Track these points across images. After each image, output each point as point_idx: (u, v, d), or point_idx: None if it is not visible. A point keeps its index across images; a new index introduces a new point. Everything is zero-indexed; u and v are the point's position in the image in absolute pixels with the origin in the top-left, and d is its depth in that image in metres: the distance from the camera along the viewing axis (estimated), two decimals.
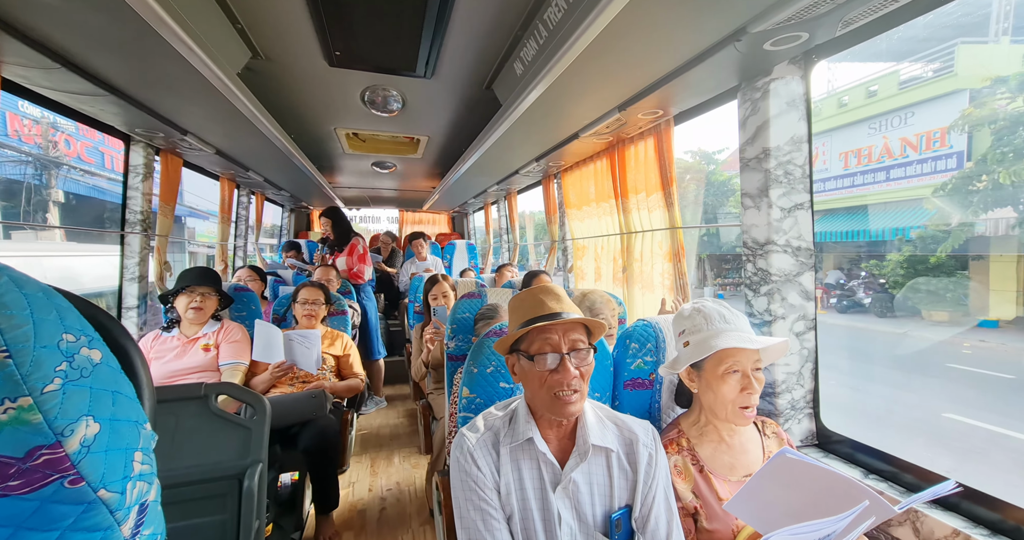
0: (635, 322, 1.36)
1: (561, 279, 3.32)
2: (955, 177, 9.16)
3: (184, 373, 1.97)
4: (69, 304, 0.35)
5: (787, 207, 1.36)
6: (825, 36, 1.16)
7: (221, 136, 2.29)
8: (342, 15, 1.52)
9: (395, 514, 2.20)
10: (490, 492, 0.92)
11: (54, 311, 0.33)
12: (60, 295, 0.35)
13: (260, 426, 1.40)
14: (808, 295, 1.40)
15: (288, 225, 5.84)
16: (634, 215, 2.22)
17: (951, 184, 9.10)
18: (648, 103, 1.68)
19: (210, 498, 1.30)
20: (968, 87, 9.90)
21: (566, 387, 0.92)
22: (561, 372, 0.92)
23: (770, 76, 1.32)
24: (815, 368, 1.41)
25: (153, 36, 1.15)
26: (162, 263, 2.42)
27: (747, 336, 1.05)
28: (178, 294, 2.02)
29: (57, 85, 1.47)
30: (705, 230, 16.48)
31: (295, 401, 1.82)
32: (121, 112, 1.78)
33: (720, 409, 1.06)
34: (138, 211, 2.27)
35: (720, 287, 15.81)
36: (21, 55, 1.22)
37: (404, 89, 2.18)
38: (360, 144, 3.08)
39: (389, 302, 5.08)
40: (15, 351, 0.29)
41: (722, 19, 1.12)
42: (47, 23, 1.12)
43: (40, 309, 0.32)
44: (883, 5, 0.99)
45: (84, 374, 0.33)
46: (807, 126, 1.35)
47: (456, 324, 1.93)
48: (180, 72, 1.40)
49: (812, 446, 1.39)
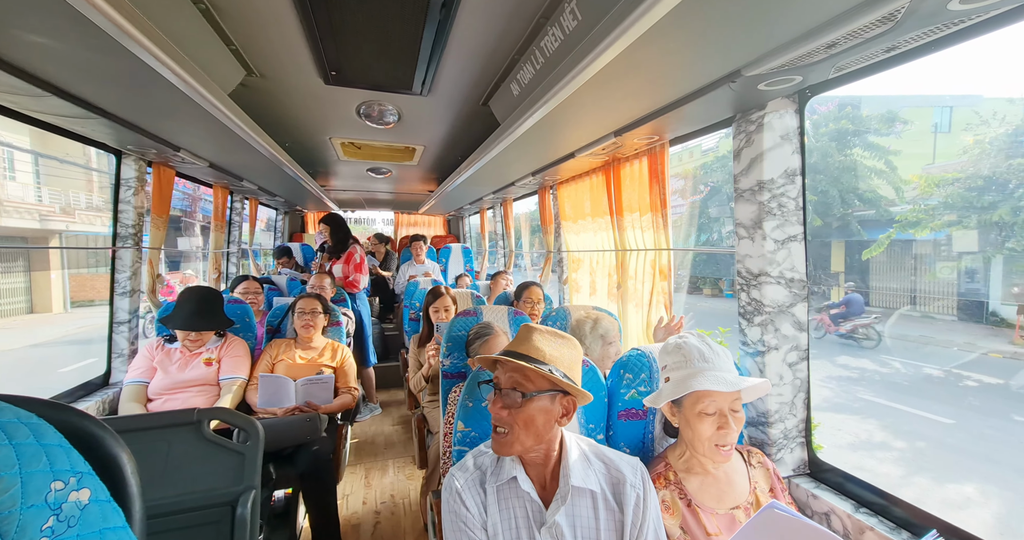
0: (629, 351, 1.37)
1: (556, 290, 3.32)
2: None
3: (186, 385, 1.97)
4: (59, 439, 0.35)
5: (780, 239, 1.37)
6: (818, 78, 1.17)
7: (214, 151, 2.27)
8: (337, 36, 1.51)
9: (389, 528, 2.21)
10: (478, 532, 0.94)
11: (44, 458, 0.33)
12: (52, 428, 0.35)
13: (253, 451, 1.39)
14: (801, 326, 1.41)
15: (283, 228, 5.80)
16: (629, 233, 2.23)
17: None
18: (644, 130, 1.68)
19: (203, 525, 1.30)
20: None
21: (497, 421, 0.96)
22: (494, 406, 0.97)
23: (764, 110, 1.33)
24: (807, 398, 1.43)
25: (144, 67, 1.14)
26: (155, 276, 2.40)
27: (723, 377, 1.06)
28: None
29: (47, 109, 1.46)
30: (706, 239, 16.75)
31: (289, 425, 1.82)
32: (113, 132, 1.76)
33: (698, 445, 1.08)
34: (129, 225, 2.25)
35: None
36: (10, 84, 1.21)
37: (400, 104, 2.16)
38: (355, 151, 3.06)
39: (384, 306, 5.08)
40: (2, 519, 0.29)
41: (717, 63, 1.13)
42: (37, 56, 1.11)
43: (30, 461, 0.32)
44: (874, 55, 1.00)
45: (71, 524, 0.33)
46: (801, 159, 1.36)
47: (451, 341, 1.94)
48: (171, 97, 1.39)
49: (804, 475, 1.41)
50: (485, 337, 1.85)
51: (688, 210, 16.72)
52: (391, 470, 2.78)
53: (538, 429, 0.95)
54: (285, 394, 2.04)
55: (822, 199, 12.48)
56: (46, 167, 12.04)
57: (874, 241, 11.42)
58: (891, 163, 12.18)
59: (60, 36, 1.01)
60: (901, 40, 0.94)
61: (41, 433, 0.35)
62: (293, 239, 5.93)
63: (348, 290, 3.48)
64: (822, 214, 12.57)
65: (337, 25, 1.44)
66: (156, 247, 2.46)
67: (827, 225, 12.75)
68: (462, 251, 5.54)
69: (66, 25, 0.94)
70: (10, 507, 0.30)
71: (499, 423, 0.96)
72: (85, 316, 11.66)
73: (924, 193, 10.46)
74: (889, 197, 12.29)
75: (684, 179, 17.14)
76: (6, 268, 11.12)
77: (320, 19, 1.39)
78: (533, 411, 0.95)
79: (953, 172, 10.23)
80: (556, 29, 1.32)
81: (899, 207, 11.63)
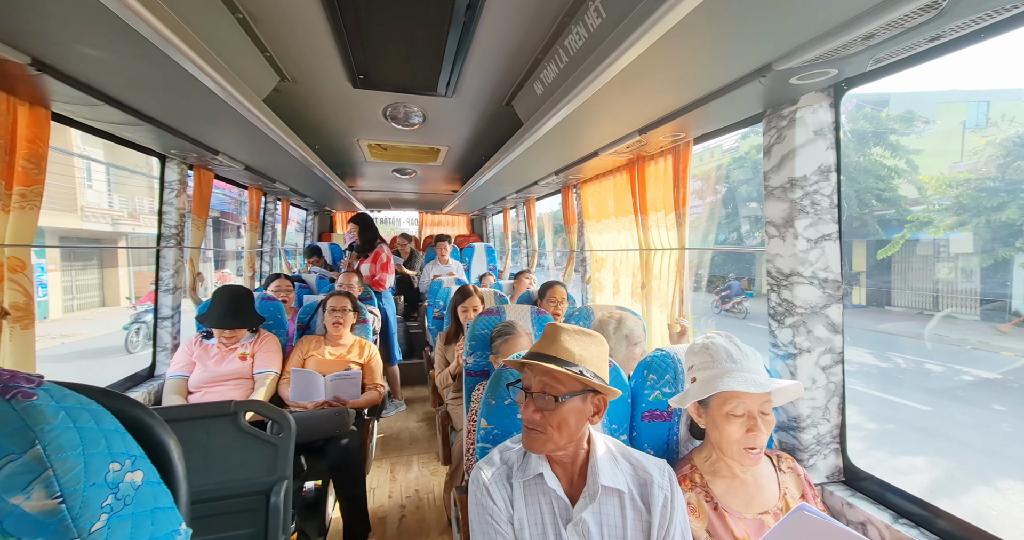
0: (653, 352, 1.36)
1: (579, 290, 3.30)
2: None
3: (223, 378, 2.07)
4: (116, 424, 0.38)
5: (814, 238, 1.32)
6: (855, 71, 1.12)
7: (250, 154, 2.36)
8: (365, 41, 1.55)
9: (414, 522, 2.26)
10: (504, 525, 0.95)
11: (103, 440, 0.36)
12: (109, 414, 0.38)
13: (286, 442, 1.45)
14: (835, 328, 1.36)
15: (312, 227, 5.98)
16: (653, 232, 2.20)
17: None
18: (669, 128, 1.66)
19: (239, 513, 1.37)
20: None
21: (530, 423, 0.96)
22: (526, 409, 0.97)
23: (797, 105, 1.28)
24: (842, 403, 1.38)
25: (187, 75, 1.20)
26: (195, 274, 2.52)
27: (753, 378, 1.03)
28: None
29: (100, 117, 1.56)
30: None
31: (319, 418, 1.89)
32: (157, 137, 1.87)
33: (726, 448, 1.05)
34: (172, 225, 2.37)
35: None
36: (69, 95, 1.30)
37: (425, 105, 2.20)
38: (382, 153, 3.13)
39: (408, 304, 5.17)
40: (68, 495, 0.32)
41: (746, 58, 1.10)
42: (92, 68, 1.19)
43: (91, 443, 0.35)
44: (916, 45, 0.95)
45: (127, 502, 0.36)
46: (836, 155, 1.31)
47: (474, 340, 1.96)
48: (211, 103, 1.46)
49: (839, 483, 1.36)
50: (507, 336, 1.86)
51: (707, 210, 16.54)
52: (416, 465, 2.83)
53: (571, 429, 0.96)
54: (315, 389, 2.11)
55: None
56: (116, 176, 13.23)
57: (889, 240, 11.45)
58: (912, 162, 11.96)
59: (112, 48, 1.08)
60: (946, 28, 0.89)
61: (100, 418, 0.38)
62: (322, 239, 6.11)
63: (374, 289, 3.56)
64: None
65: (365, 30, 1.48)
66: (196, 246, 2.58)
67: (847, 224, 13.02)
68: (485, 250, 5.58)
69: (118, 38, 1.01)
70: (75, 485, 0.33)
71: (532, 425, 0.96)
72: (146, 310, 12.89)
73: (937, 193, 10.50)
74: (911, 196, 12.17)
75: (702, 180, 16.98)
76: (83, 266, 12.71)
77: (349, 25, 1.43)
78: (566, 412, 0.95)
79: (965, 173, 10.14)
80: (580, 27, 1.31)
81: (918, 207, 11.62)
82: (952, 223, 9.97)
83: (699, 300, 14.32)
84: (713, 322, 11.98)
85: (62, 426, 0.34)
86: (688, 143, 1.86)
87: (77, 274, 12.50)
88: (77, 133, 1.78)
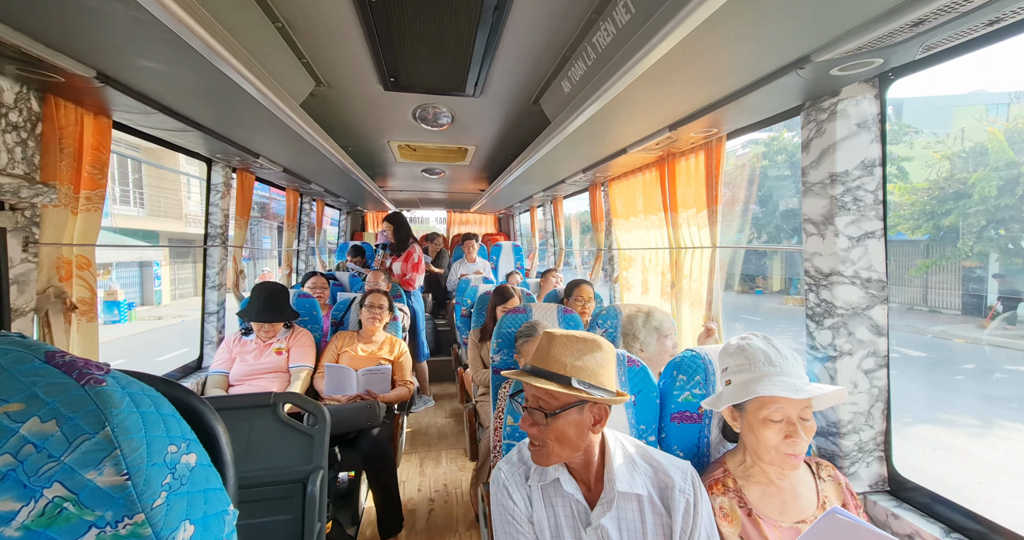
0: (683, 352, 1.33)
1: (607, 289, 3.27)
2: None
3: (260, 372, 2.18)
4: (172, 410, 0.41)
5: (856, 236, 1.26)
6: (902, 60, 1.06)
7: (288, 156, 2.47)
8: (396, 44, 1.59)
9: (443, 516, 2.30)
10: (525, 525, 0.96)
11: (162, 425, 0.39)
12: (166, 401, 0.42)
13: (321, 434, 1.51)
14: (879, 330, 1.29)
15: (345, 227, 6.17)
16: (684, 230, 2.15)
17: None
18: (701, 123, 1.61)
19: (278, 499, 1.44)
20: None
21: (530, 438, 0.96)
22: (523, 421, 0.96)
23: (838, 97, 1.22)
24: (887, 408, 1.31)
25: (231, 84, 1.27)
26: (238, 272, 2.66)
27: (793, 382, 0.99)
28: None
29: (154, 124, 1.67)
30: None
31: (351, 411, 1.96)
32: (205, 142, 1.98)
33: (764, 453, 1.01)
34: (217, 225, 2.51)
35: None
36: (128, 105, 1.41)
37: (453, 106, 2.23)
38: (411, 153, 3.19)
39: (436, 302, 5.26)
40: (133, 472, 0.35)
41: (783, 50, 1.06)
42: (148, 79, 1.28)
43: (152, 427, 0.38)
44: (972, 30, 0.88)
45: (183, 482, 0.39)
46: (881, 148, 1.24)
47: (501, 338, 1.98)
48: (253, 109, 1.54)
49: (883, 492, 1.30)
50: (529, 337, 1.86)
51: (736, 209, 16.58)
52: (444, 460, 2.89)
53: (572, 441, 0.93)
54: (348, 383, 2.19)
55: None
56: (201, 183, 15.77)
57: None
58: (904, 169, 12.72)
59: (167, 60, 1.15)
60: (1008, 10, 0.83)
61: (159, 404, 0.41)
62: (354, 237, 6.30)
63: (404, 288, 3.64)
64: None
65: (396, 34, 1.51)
66: (239, 245, 2.72)
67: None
68: (512, 249, 5.60)
69: (172, 51, 1.08)
70: (139, 464, 0.36)
71: (532, 439, 0.95)
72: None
73: (901, 200, 12.02)
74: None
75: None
76: (182, 263, 16.62)
77: (381, 29, 1.47)
78: (562, 426, 0.92)
79: (924, 183, 11.46)
80: (609, 24, 1.30)
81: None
82: (909, 226, 11.77)
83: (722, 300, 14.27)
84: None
85: (127, 410, 0.37)
86: (721, 139, 1.81)
87: (178, 269, 16.33)
88: (182, 155, 2.15)
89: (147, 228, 14.07)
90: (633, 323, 1.74)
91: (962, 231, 10.57)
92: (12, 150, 1.23)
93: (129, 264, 14.14)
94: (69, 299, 1.40)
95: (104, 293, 11.92)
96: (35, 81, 1.22)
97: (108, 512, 0.35)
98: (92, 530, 0.34)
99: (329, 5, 1.33)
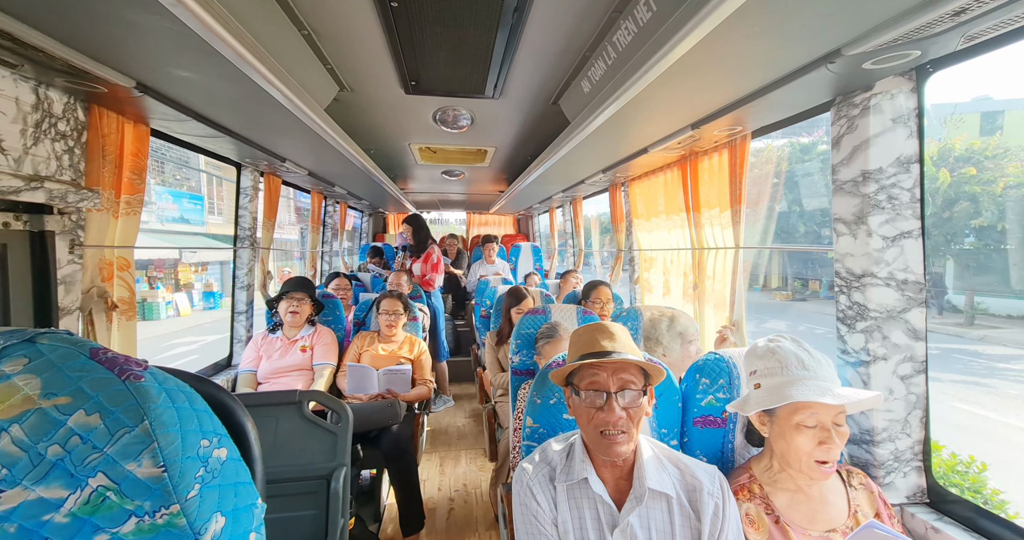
0: (706, 355, 1.30)
1: (627, 290, 3.23)
2: None
3: (286, 370, 2.25)
4: (205, 405, 0.43)
5: (891, 236, 1.21)
6: (942, 52, 1.01)
7: (313, 160, 2.54)
8: (417, 48, 1.61)
9: (463, 516, 2.32)
10: (548, 527, 0.95)
11: (195, 420, 0.41)
12: (199, 397, 0.43)
13: (344, 431, 1.54)
14: (917, 334, 1.24)
15: (367, 228, 6.29)
16: (707, 231, 2.11)
17: None
18: (724, 121, 1.58)
19: (303, 495, 1.47)
20: None
21: (611, 427, 0.92)
22: (607, 411, 0.93)
23: (871, 91, 1.17)
24: (925, 416, 1.25)
25: (260, 91, 1.32)
26: (265, 272, 2.74)
27: (827, 387, 0.96)
28: (280, 300, 2.30)
29: (188, 131, 1.75)
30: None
31: (373, 409, 1.99)
32: (235, 148, 2.06)
33: (794, 460, 0.98)
34: (247, 228, 2.59)
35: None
36: (165, 112, 1.48)
37: (473, 108, 2.25)
38: (431, 155, 3.23)
39: (456, 302, 5.30)
40: (169, 465, 0.37)
41: (811, 44, 1.02)
42: (183, 88, 1.34)
43: (187, 421, 0.39)
44: (1018, 18, 0.83)
45: (215, 475, 0.41)
46: (918, 144, 1.19)
47: (520, 339, 1.98)
48: (281, 115, 1.59)
49: (922, 505, 1.24)
50: (550, 339, 1.86)
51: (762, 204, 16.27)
52: (464, 460, 2.90)
53: (641, 423, 0.96)
54: (369, 382, 2.23)
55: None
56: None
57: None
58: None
59: (200, 70, 1.20)
60: None
61: (193, 400, 0.43)
62: (376, 239, 6.41)
63: (424, 288, 3.69)
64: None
65: (417, 38, 1.54)
66: (266, 247, 2.81)
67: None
68: (531, 250, 5.59)
69: (205, 61, 1.12)
70: (175, 456, 0.37)
71: (618, 427, 0.92)
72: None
73: None
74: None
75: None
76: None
77: (403, 34, 1.50)
78: (642, 407, 0.95)
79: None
80: (629, 22, 1.29)
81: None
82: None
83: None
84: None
85: (164, 405, 0.39)
86: (746, 137, 1.76)
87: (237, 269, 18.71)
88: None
89: (228, 233, 15.61)
90: (656, 327, 1.71)
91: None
92: (60, 157, 1.30)
93: (213, 263, 17.54)
94: (110, 298, 1.47)
95: (203, 285, 15.91)
96: (81, 92, 1.29)
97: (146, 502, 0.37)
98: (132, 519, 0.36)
99: (353, 12, 1.36)
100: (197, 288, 15.60)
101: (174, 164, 15.74)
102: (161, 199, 14.50)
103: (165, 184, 15.43)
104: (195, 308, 14.62)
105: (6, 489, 0.34)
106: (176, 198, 15.14)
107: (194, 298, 14.89)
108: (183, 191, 15.80)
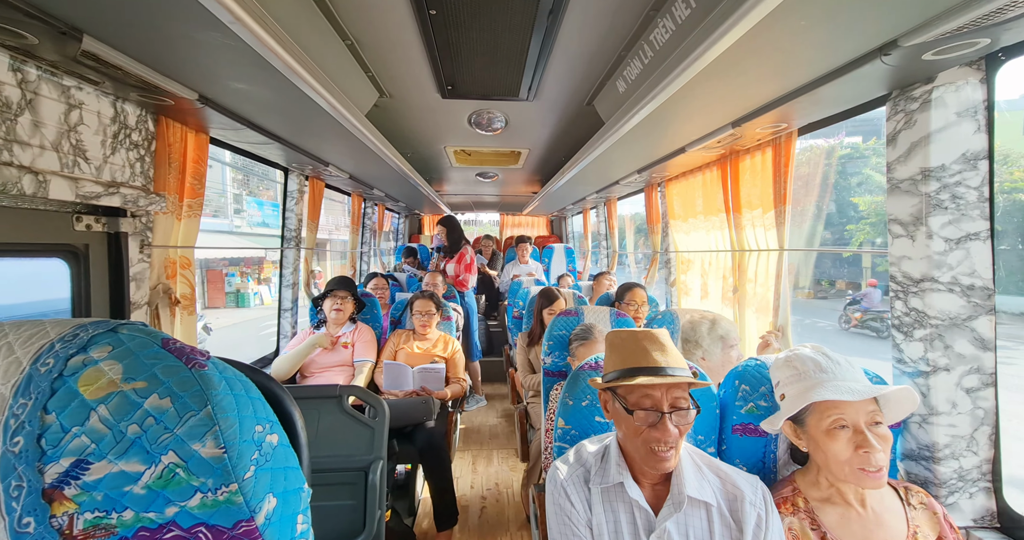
0: (746, 361, 1.25)
1: (662, 292, 3.15)
2: None
3: (330, 365, 2.35)
4: (259, 394, 0.46)
5: (955, 238, 1.12)
6: (1014, 38, 0.93)
7: (354, 164, 2.65)
8: (453, 54, 1.65)
9: (495, 514, 2.34)
10: (583, 528, 0.94)
11: (251, 407, 0.44)
12: (254, 385, 0.47)
13: (381, 426, 1.60)
14: (985, 344, 1.14)
15: (403, 230, 6.47)
16: (748, 232, 2.02)
17: None
18: (768, 118, 1.51)
19: (342, 485, 1.54)
20: None
21: (663, 444, 0.89)
22: (660, 430, 0.89)
23: (933, 83, 1.09)
24: (995, 433, 1.15)
25: (307, 99, 1.39)
26: (309, 272, 2.88)
27: (847, 385, 0.91)
28: (325, 297, 2.42)
29: (241, 138, 1.87)
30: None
31: (408, 405, 2.05)
32: (283, 153, 2.18)
33: (837, 470, 0.93)
34: (292, 229, 2.74)
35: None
36: (223, 122, 1.60)
37: (507, 111, 2.28)
38: (466, 158, 3.29)
39: (489, 303, 5.35)
40: (229, 447, 0.40)
41: (864, 35, 0.97)
42: (238, 99, 1.44)
43: (244, 407, 0.43)
44: None
45: (268, 459, 0.44)
46: (988, 139, 1.10)
47: (552, 341, 1.98)
48: (325, 122, 1.67)
49: (991, 529, 1.14)
50: (584, 341, 1.84)
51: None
52: (495, 460, 2.93)
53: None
54: (404, 379, 2.29)
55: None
56: (326, 203, 19.01)
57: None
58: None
59: (254, 81, 1.29)
60: None
61: (248, 388, 0.47)
62: (411, 240, 6.58)
63: (458, 288, 3.75)
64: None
65: (453, 43, 1.57)
66: (310, 248, 2.95)
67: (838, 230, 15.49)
68: (564, 251, 5.57)
69: (259, 73, 1.20)
70: (233, 439, 0.41)
71: (669, 444, 0.89)
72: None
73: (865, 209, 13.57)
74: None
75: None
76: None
77: (440, 40, 1.54)
78: (691, 418, 0.93)
79: (881, 196, 11.86)
80: (667, 20, 1.26)
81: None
82: (869, 230, 13.61)
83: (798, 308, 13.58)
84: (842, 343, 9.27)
85: (224, 392, 0.42)
86: (791, 134, 1.68)
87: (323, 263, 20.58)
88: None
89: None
90: (696, 330, 1.66)
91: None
92: (133, 165, 1.43)
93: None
94: (174, 294, 1.60)
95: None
96: (151, 105, 1.41)
97: (210, 479, 0.40)
98: (197, 494, 0.40)
99: (393, 21, 1.41)
100: (274, 282, 17.57)
101: (257, 177, 17.56)
102: (249, 207, 16.59)
103: (252, 195, 17.60)
104: (273, 299, 16.85)
105: (94, 461, 0.39)
106: (259, 206, 17.17)
107: (272, 290, 16.59)
108: (264, 200, 17.86)
